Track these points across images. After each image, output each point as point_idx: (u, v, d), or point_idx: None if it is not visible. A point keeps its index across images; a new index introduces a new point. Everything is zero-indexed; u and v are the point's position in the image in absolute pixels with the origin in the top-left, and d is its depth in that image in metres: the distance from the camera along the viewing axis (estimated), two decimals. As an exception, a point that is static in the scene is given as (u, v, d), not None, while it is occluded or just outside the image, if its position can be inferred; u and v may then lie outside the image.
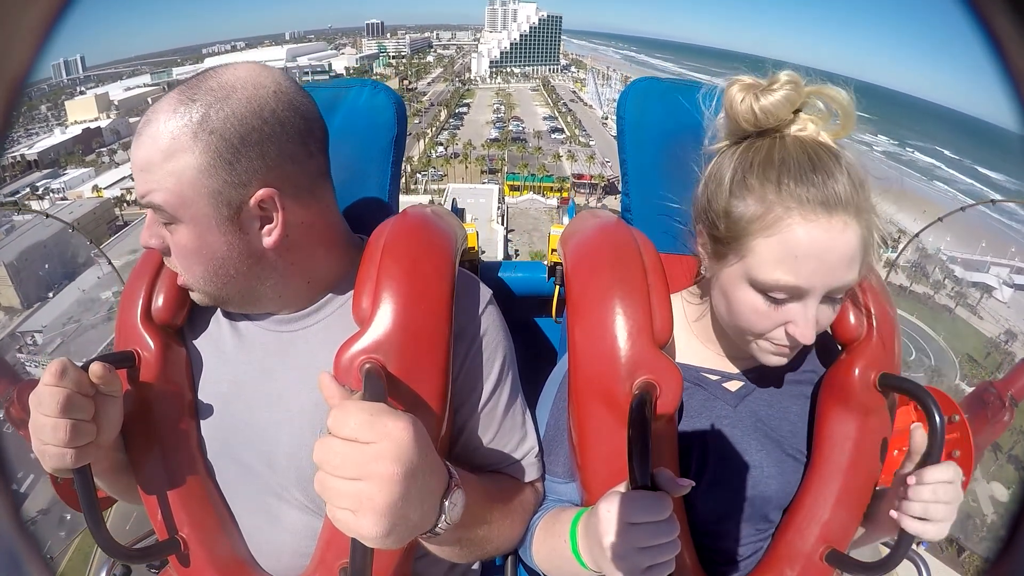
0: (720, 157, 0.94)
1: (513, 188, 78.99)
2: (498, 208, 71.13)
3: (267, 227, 0.89)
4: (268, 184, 0.86)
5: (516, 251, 58.62)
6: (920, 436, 0.89)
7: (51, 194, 74.74)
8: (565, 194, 78.10)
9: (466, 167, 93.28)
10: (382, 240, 0.94)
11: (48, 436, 0.80)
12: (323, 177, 0.96)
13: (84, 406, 0.83)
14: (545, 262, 1.53)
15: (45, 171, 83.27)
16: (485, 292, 1.02)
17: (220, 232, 0.86)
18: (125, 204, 71.46)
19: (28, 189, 75.01)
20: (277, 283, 0.94)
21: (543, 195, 77.82)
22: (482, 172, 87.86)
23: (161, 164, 0.82)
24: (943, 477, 0.86)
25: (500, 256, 54.64)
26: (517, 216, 70.19)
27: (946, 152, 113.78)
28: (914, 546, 0.94)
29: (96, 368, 0.85)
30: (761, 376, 1.04)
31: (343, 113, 1.27)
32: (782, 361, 0.93)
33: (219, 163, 0.82)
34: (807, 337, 0.86)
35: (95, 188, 77.04)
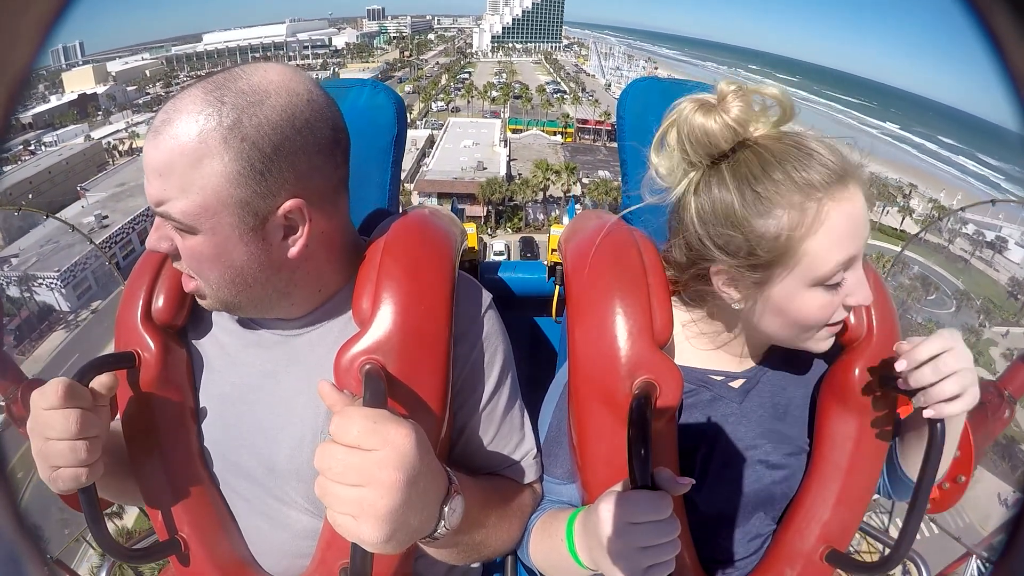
0: (700, 195, 0.91)
1: (515, 131, 77.85)
2: (501, 136, 71.46)
3: (291, 237, 0.86)
4: (296, 195, 0.83)
5: (519, 172, 59.09)
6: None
7: (43, 147, 73.43)
8: (569, 139, 76.88)
9: (468, 102, 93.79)
10: (382, 241, 0.94)
11: (65, 459, 0.80)
12: (344, 187, 0.94)
13: (95, 423, 0.82)
14: (545, 262, 1.53)
15: (39, 131, 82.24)
16: (486, 296, 1.02)
17: (242, 242, 0.82)
18: (118, 154, 71.09)
19: (21, 146, 73.41)
20: (291, 291, 0.92)
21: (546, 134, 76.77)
22: (483, 116, 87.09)
23: (185, 170, 0.77)
24: (934, 350, 0.84)
25: (503, 172, 55.36)
26: (520, 150, 69.57)
27: (947, 140, 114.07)
28: (919, 536, 0.93)
29: (106, 379, 0.86)
30: (763, 373, 1.04)
31: (343, 113, 1.27)
32: (831, 341, 0.94)
33: (250, 172, 0.78)
34: (869, 296, 0.87)
35: (87, 138, 76.50)
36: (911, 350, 0.86)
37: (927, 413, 0.85)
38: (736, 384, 1.04)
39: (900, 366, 0.87)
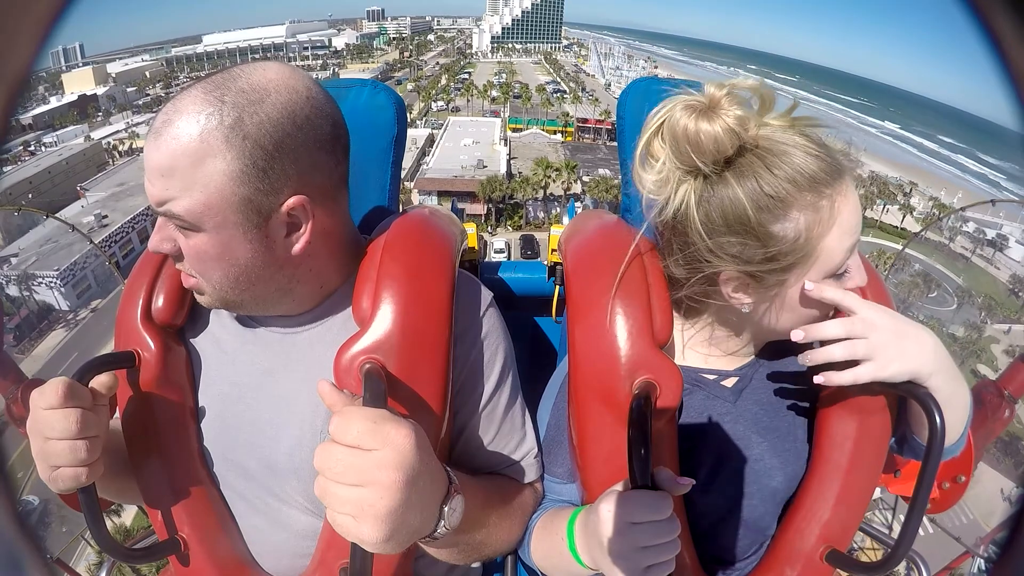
0: (704, 205, 0.86)
1: (515, 130, 78.00)
2: (501, 135, 72.05)
3: (294, 235, 0.86)
4: (298, 191, 0.83)
5: (519, 171, 59.57)
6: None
7: (43, 147, 73.23)
8: (569, 138, 76.85)
9: (468, 101, 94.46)
10: (382, 240, 0.94)
11: (65, 459, 0.80)
12: (344, 183, 0.94)
13: (95, 422, 0.82)
14: (545, 262, 1.53)
15: (39, 131, 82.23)
16: (486, 295, 1.02)
17: (246, 239, 0.82)
18: (117, 154, 71.47)
19: (21, 147, 73.10)
20: (293, 288, 0.92)
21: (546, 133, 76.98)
22: (483, 116, 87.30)
23: (187, 169, 0.77)
24: (833, 332, 0.86)
25: (503, 170, 55.84)
26: (520, 148, 69.78)
27: (947, 139, 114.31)
28: (922, 531, 0.93)
29: (105, 379, 0.86)
30: (756, 369, 1.04)
31: (343, 113, 1.27)
32: None
33: (252, 170, 0.78)
34: (865, 277, 0.90)
35: (87, 138, 76.76)
36: (811, 326, 0.88)
37: (817, 379, 0.88)
38: (729, 383, 1.03)
39: (796, 336, 0.89)
